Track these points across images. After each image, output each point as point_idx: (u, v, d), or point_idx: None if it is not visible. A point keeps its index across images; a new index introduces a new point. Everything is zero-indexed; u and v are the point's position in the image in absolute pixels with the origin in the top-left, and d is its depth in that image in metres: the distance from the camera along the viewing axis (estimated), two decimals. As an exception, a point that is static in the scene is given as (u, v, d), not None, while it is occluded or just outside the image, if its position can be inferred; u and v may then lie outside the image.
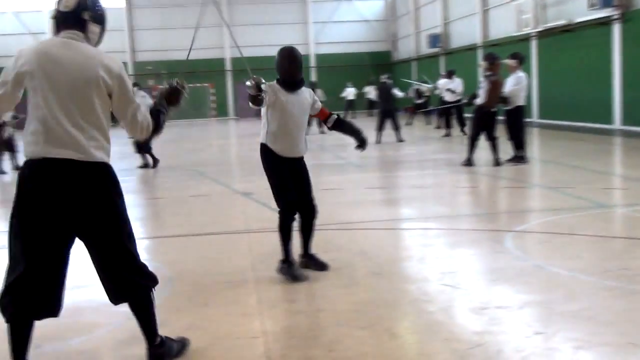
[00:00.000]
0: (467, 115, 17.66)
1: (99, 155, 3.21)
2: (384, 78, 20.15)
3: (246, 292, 5.02)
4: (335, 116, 5.61)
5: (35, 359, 3.86)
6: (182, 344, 3.68)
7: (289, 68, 5.22)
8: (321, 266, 5.47)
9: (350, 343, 3.84)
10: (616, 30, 18.34)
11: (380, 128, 18.50)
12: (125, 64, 38.48)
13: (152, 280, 3.47)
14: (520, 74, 12.01)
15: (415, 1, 36.42)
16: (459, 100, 18.54)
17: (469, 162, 11.90)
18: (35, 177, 3.12)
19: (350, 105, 32.96)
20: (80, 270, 4.05)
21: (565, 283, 4.85)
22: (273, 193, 5.28)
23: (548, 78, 22.25)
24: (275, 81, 5.22)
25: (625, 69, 18.17)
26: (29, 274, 3.11)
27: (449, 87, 19.96)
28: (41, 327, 4.40)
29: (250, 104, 4.92)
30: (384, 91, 19.36)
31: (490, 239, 6.53)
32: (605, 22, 18.58)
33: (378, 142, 17.97)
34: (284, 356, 3.69)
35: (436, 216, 7.93)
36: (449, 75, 21.25)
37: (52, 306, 3.25)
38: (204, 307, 4.70)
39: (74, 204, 3.16)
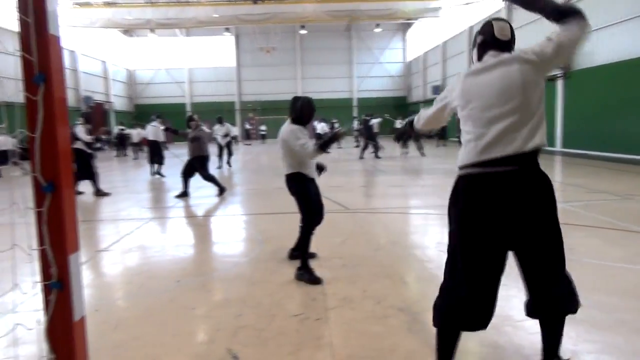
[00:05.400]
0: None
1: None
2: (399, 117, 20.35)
3: (311, 251, 5.06)
4: None
5: (176, 290, 4.02)
6: None
7: (312, 112, 4.31)
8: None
9: (377, 287, 3.86)
10: (559, 84, 17.85)
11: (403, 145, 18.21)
12: (234, 102, 39.55)
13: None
14: None
15: (424, 63, 36.00)
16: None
17: None
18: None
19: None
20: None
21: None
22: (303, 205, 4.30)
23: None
24: (296, 124, 4.21)
25: (565, 110, 17.78)
26: (473, 297, 2.16)
27: None
28: (181, 266, 4.55)
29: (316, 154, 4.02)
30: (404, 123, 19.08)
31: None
32: (552, 79, 18.09)
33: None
34: (334, 294, 3.73)
35: (434, 205, 7.84)
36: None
37: (485, 321, 2.20)
38: (283, 260, 4.76)
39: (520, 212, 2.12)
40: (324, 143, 4.01)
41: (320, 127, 23.20)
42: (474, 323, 2.20)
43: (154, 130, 13.33)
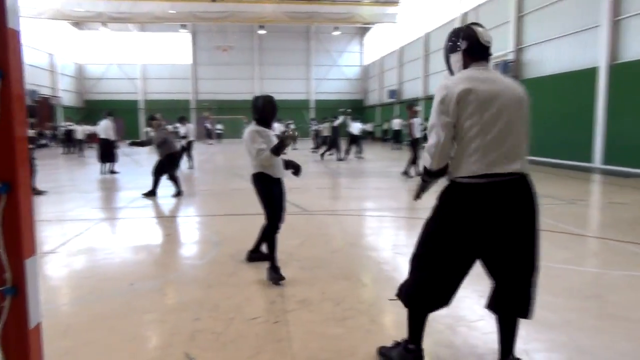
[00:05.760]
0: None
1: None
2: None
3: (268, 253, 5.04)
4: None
5: (129, 293, 3.91)
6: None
7: (274, 111, 4.28)
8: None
9: (336, 289, 3.90)
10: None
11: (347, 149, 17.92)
12: (189, 101, 38.67)
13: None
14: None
15: (380, 67, 36.54)
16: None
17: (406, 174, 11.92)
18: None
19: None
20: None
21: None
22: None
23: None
24: (260, 124, 4.20)
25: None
26: (442, 282, 2.43)
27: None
28: (134, 269, 4.44)
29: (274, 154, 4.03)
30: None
31: (422, 223, 6.58)
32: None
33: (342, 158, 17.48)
34: (293, 296, 3.73)
35: (388, 208, 7.99)
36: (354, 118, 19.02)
37: (447, 301, 2.46)
38: (241, 262, 4.72)
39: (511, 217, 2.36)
40: (276, 148, 4.00)
41: (277, 127, 23.13)
42: (437, 306, 2.48)
43: (105, 128, 12.88)
